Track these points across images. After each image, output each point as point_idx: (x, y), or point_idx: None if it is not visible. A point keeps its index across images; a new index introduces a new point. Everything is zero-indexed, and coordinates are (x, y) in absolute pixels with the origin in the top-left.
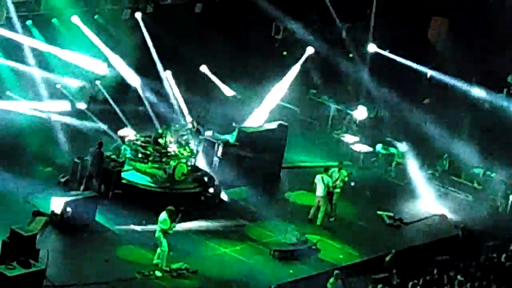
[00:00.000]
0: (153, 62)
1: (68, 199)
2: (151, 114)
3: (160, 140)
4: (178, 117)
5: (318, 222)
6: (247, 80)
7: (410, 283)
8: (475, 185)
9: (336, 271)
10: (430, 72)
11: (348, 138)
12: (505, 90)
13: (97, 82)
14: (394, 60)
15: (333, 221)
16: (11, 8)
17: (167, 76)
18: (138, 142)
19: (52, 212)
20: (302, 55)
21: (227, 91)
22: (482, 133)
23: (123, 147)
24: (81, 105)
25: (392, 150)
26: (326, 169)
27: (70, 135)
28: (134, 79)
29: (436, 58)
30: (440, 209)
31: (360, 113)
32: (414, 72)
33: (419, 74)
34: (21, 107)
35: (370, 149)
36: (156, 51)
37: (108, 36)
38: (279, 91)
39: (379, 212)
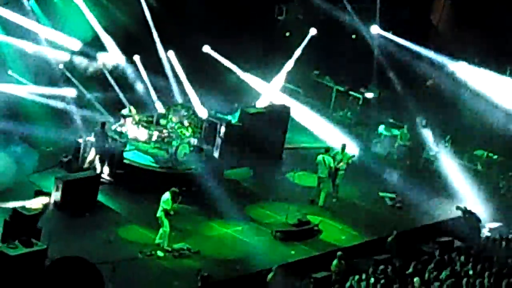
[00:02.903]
0: (153, 42)
1: (70, 179)
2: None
3: (163, 121)
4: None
5: (320, 203)
6: (250, 62)
7: (412, 264)
8: (478, 167)
9: (338, 253)
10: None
11: None
12: (508, 71)
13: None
14: (397, 42)
15: (335, 202)
16: None
17: (169, 56)
18: (141, 122)
19: (54, 191)
20: (305, 36)
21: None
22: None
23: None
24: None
25: (395, 131)
26: (327, 150)
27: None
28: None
29: (438, 40)
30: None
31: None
32: (418, 54)
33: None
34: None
35: None
36: (157, 30)
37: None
38: (282, 72)
39: (381, 194)
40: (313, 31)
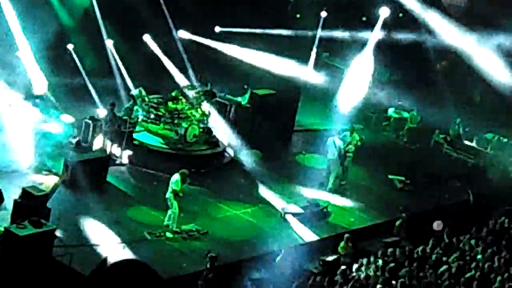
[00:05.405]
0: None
1: (80, 159)
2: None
3: (172, 102)
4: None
5: (329, 185)
6: (260, 43)
7: (420, 248)
8: (488, 150)
9: (346, 235)
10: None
11: None
12: None
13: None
14: (407, 23)
15: (344, 185)
16: None
17: (180, 36)
18: (151, 103)
19: (64, 172)
20: (315, 18)
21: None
22: (493, 97)
23: (135, 108)
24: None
25: (404, 114)
26: (338, 132)
27: None
28: None
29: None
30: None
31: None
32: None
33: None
34: None
35: None
36: (168, 11)
37: None
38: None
39: (390, 176)
40: (323, 13)
